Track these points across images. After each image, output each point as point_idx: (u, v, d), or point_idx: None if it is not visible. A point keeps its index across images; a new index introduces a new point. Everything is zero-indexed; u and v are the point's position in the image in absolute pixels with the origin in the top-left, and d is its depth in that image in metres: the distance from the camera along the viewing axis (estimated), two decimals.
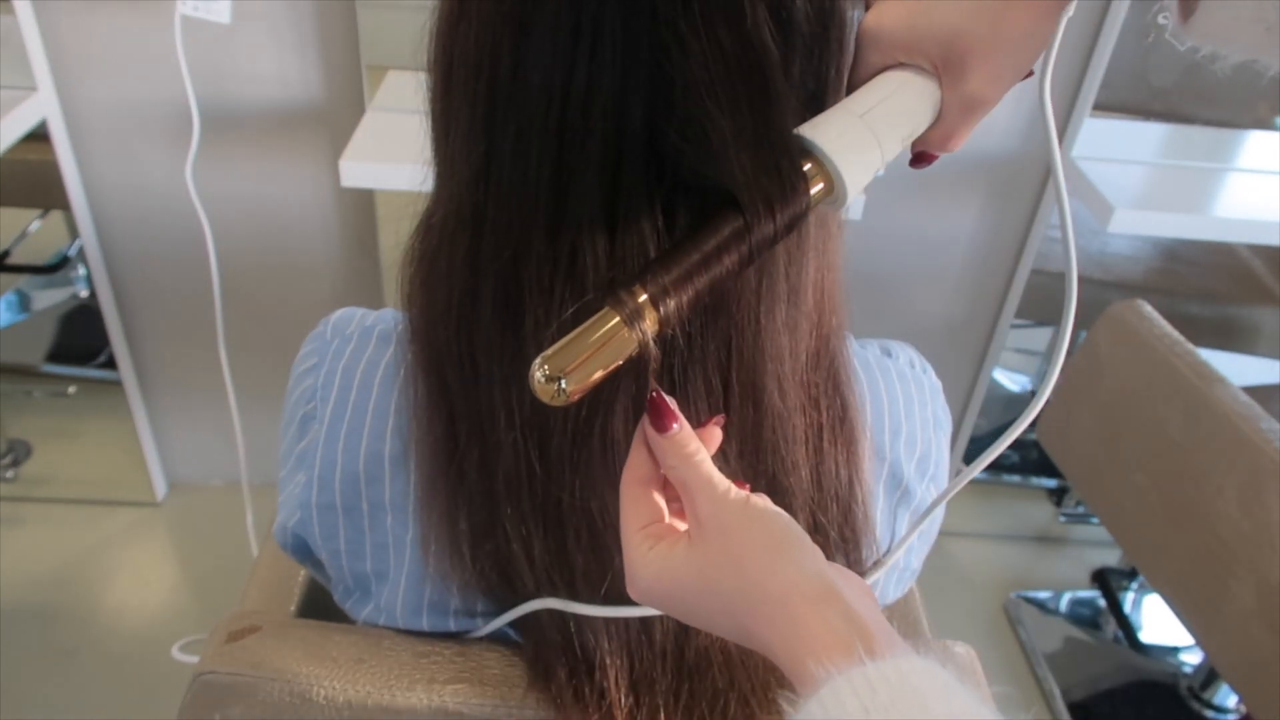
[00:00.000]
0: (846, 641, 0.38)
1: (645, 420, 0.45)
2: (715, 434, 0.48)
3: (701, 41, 0.42)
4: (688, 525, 0.44)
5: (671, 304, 0.42)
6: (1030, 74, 0.47)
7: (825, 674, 0.36)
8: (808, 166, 0.44)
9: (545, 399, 0.41)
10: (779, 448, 0.52)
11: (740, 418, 0.50)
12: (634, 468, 0.46)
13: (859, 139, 0.45)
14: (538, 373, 0.41)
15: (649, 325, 0.42)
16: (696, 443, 0.45)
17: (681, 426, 0.45)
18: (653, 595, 0.44)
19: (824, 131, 0.44)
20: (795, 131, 0.45)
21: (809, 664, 0.37)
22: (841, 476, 0.56)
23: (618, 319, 0.41)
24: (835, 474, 0.55)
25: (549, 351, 0.41)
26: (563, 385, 0.41)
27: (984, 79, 0.45)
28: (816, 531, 0.55)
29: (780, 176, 0.43)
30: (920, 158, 0.50)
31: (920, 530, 0.66)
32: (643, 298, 0.42)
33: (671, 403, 0.45)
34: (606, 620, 0.55)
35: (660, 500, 0.46)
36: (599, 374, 0.41)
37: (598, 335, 0.41)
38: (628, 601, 0.53)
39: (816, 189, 0.44)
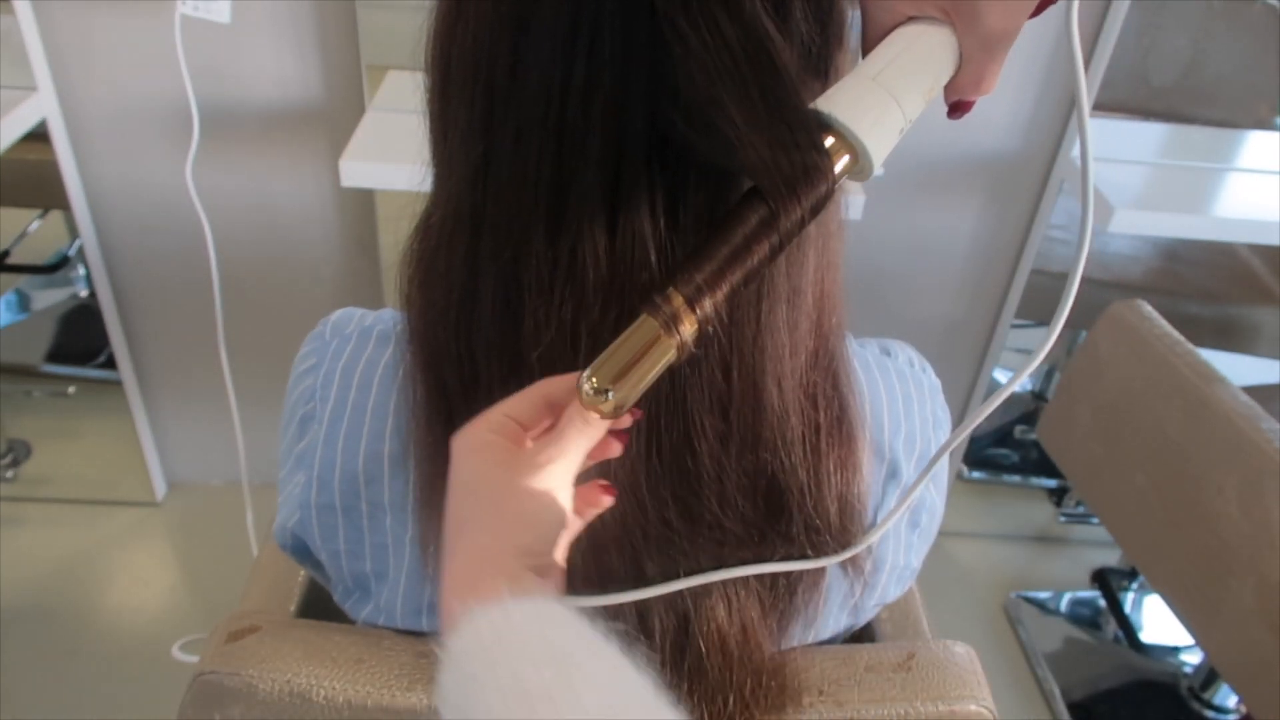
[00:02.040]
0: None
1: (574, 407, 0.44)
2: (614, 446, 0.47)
3: (702, 32, 0.41)
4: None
5: (708, 304, 0.42)
6: (1051, 1, 0.45)
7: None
8: (828, 141, 0.43)
9: (594, 411, 0.42)
10: (777, 447, 0.52)
11: (739, 416, 0.50)
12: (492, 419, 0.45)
13: (875, 102, 0.43)
14: (586, 385, 0.41)
15: (687, 328, 0.42)
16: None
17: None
18: (457, 454, 0.45)
19: (837, 101, 0.43)
20: (809, 106, 0.44)
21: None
22: (840, 475, 0.55)
23: (656, 325, 0.41)
24: (833, 473, 0.55)
25: (595, 364, 0.41)
26: (610, 396, 0.41)
27: (997, 15, 0.43)
28: (814, 530, 0.55)
29: (801, 154, 0.42)
30: (956, 107, 0.48)
31: (920, 529, 0.66)
32: (679, 301, 0.41)
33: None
34: (605, 620, 0.55)
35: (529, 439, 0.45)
36: (645, 381, 0.42)
37: (639, 343, 0.41)
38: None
39: (841, 162, 0.43)
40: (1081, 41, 0.45)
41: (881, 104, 0.43)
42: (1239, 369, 1.58)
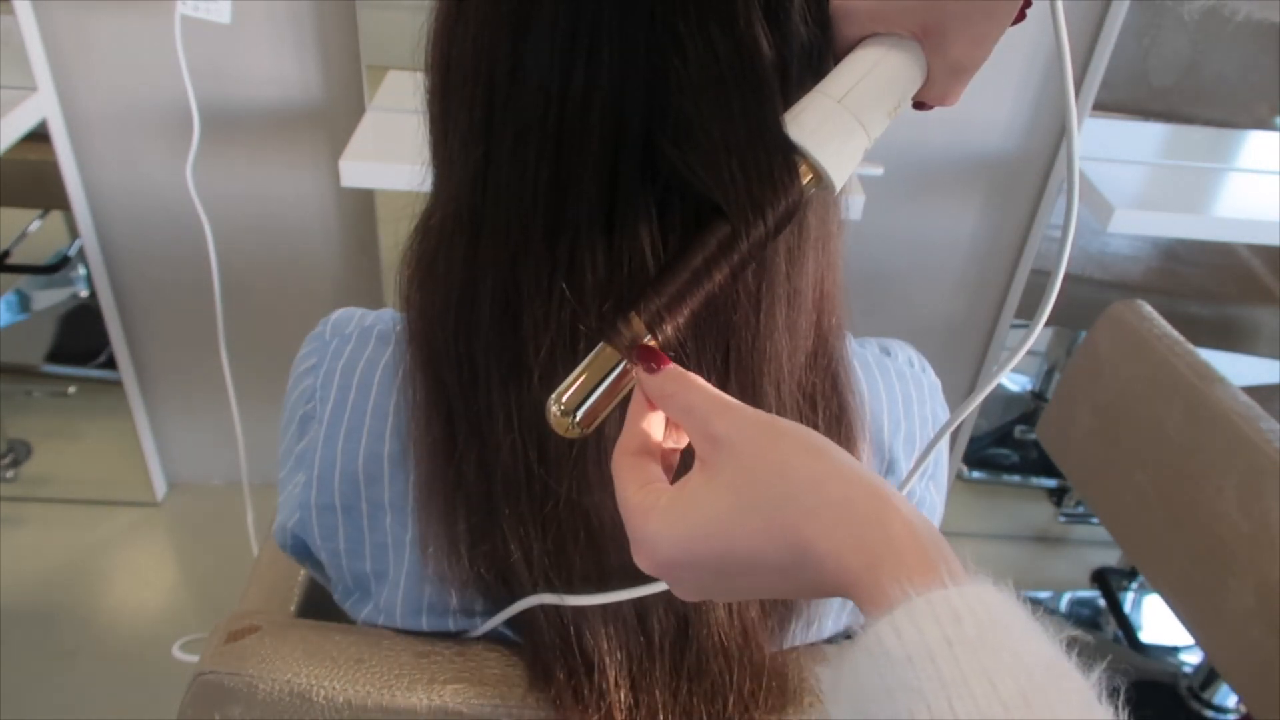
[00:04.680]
0: (921, 557, 0.33)
1: (637, 386, 0.43)
2: None
3: (696, 43, 0.42)
4: (698, 458, 0.40)
5: (669, 328, 0.42)
6: (1021, 18, 0.45)
7: (902, 593, 0.32)
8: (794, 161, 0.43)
9: (561, 432, 0.43)
10: None
11: None
12: (625, 441, 0.43)
13: (840, 125, 0.43)
14: (553, 407, 0.42)
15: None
16: (694, 375, 0.42)
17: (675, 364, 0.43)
18: (673, 549, 0.39)
19: (804, 124, 0.43)
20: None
21: (883, 579, 0.33)
22: None
23: (616, 353, 0.42)
24: None
25: (559, 389, 0.42)
26: (576, 419, 0.42)
27: (966, 45, 0.44)
28: None
29: (772, 183, 0.42)
30: (920, 105, 0.48)
31: None
32: (639, 326, 0.42)
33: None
34: (604, 620, 0.55)
35: (657, 468, 0.43)
36: (609, 406, 0.43)
37: (601, 371, 0.42)
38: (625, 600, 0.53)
39: (805, 182, 0.43)
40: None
41: (847, 129, 0.43)
42: (1239, 369, 1.59)
